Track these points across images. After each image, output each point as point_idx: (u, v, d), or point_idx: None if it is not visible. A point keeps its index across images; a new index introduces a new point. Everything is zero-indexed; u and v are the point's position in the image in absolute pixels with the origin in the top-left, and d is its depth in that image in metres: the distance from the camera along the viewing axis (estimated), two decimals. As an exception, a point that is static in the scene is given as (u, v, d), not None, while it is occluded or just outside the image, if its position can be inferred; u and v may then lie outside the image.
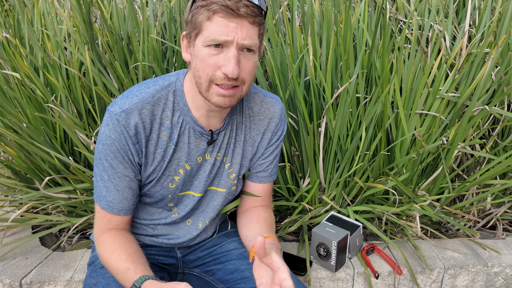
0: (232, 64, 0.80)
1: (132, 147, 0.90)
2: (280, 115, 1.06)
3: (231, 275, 1.06)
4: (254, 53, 0.85)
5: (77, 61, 1.53)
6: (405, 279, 1.40)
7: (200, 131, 0.95)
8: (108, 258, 0.91)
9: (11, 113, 1.36)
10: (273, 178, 1.13)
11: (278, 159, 1.14)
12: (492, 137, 1.59)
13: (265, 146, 1.07)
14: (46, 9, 1.78)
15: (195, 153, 0.98)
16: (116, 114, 0.88)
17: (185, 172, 0.99)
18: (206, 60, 0.81)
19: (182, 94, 0.93)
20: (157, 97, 0.91)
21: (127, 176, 0.92)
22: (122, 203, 0.94)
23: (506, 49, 1.61)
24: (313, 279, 1.35)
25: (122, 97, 0.91)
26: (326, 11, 1.52)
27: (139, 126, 0.89)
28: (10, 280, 1.27)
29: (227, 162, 1.03)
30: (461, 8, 1.96)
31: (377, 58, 1.51)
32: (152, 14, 1.66)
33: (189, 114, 0.93)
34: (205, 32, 0.80)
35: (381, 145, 1.46)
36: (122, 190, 0.93)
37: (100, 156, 0.91)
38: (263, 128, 1.05)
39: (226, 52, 0.81)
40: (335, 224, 1.37)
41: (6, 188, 1.63)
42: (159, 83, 0.93)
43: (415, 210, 1.42)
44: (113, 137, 0.88)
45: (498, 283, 1.47)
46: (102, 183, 0.93)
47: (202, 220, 1.08)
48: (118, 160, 0.90)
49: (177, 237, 1.09)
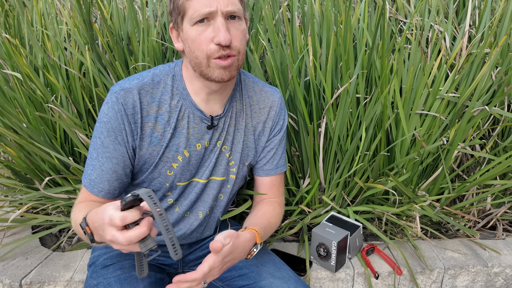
0: (222, 32, 0.81)
1: (127, 126, 0.90)
2: (279, 104, 1.07)
3: (229, 273, 1.06)
4: (240, 19, 0.87)
5: (77, 61, 1.53)
6: (405, 280, 1.40)
7: (200, 116, 0.96)
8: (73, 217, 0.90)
9: (11, 113, 1.36)
10: (281, 170, 1.13)
11: (285, 152, 1.14)
12: (492, 138, 1.58)
13: (267, 136, 1.08)
14: (46, 9, 1.78)
15: (194, 139, 0.98)
16: (116, 92, 0.89)
17: (183, 159, 0.98)
18: (197, 38, 0.84)
19: (181, 79, 0.94)
20: (156, 81, 0.93)
21: (114, 158, 0.92)
22: (103, 184, 0.94)
23: (506, 49, 1.61)
24: (313, 279, 1.35)
25: (124, 79, 0.93)
26: (326, 11, 1.52)
27: (137, 105, 0.90)
28: (10, 281, 1.27)
29: (227, 150, 1.03)
30: (461, 8, 1.95)
31: (377, 58, 1.51)
32: (152, 14, 1.66)
33: (188, 98, 0.94)
34: (189, 11, 0.83)
35: (381, 145, 1.46)
36: (107, 171, 0.93)
37: (95, 134, 0.92)
38: (263, 117, 1.06)
39: (213, 23, 0.83)
40: (335, 225, 1.37)
41: (6, 188, 1.63)
42: (159, 69, 0.96)
43: (415, 210, 1.42)
44: (110, 114, 0.89)
45: (498, 284, 1.47)
46: (90, 160, 0.94)
47: (202, 210, 1.08)
48: (110, 139, 0.90)
49: (179, 229, 1.08)
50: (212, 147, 1.01)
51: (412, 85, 1.50)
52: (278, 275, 0.99)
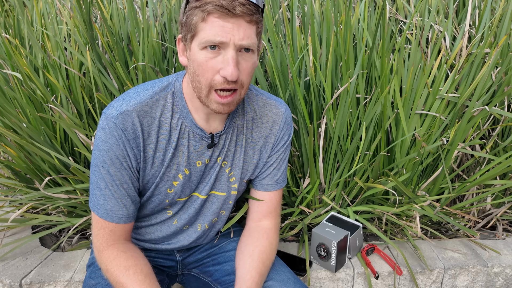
0: (230, 67, 0.77)
1: (130, 152, 0.86)
2: (285, 119, 1.02)
3: (228, 277, 1.05)
4: (253, 52, 0.82)
5: (77, 61, 1.53)
6: (405, 280, 1.40)
7: (200, 134, 0.92)
8: (121, 274, 0.85)
9: (11, 113, 1.36)
10: (280, 186, 1.07)
11: (286, 167, 1.08)
12: (492, 138, 1.58)
13: (269, 151, 1.03)
14: (46, 9, 1.78)
15: (194, 157, 0.95)
16: (113, 117, 0.84)
17: (184, 177, 0.96)
18: (203, 64, 0.79)
19: (182, 96, 0.90)
20: (156, 99, 0.88)
21: (125, 183, 0.88)
22: (121, 210, 0.90)
23: (506, 49, 1.61)
24: (313, 279, 1.35)
25: (118, 100, 0.87)
26: (326, 11, 1.52)
27: (137, 129, 0.86)
28: (10, 281, 1.27)
29: (228, 166, 1.00)
30: (461, 8, 1.95)
31: (377, 58, 1.51)
32: (152, 15, 1.66)
33: (188, 117, 0.90)
34: (201, 34, 0.77)
35: (381, 145, 1.46)
36: (121, 197, 0.89)
37: (96, 162, 0.87)
38: (265, 132, 1.01)
39: (224, 54, 0.78)
40: (335, 225, 1.37)
41: (6, 188, 1.63)
42: (157, 85, 0.90)
43: (415, 210, 1.42)
44: (110, 142, 0.84)
45: (498, 284, 1.47)
46: (99, 191, 0.88)
47: (201, 223, 1.07)
48: (115, 167, 0.86)
49: (178, 241, 1.08)
50: (212, 163, 0.98)
51: (412, 85, 1.50)
52: (277, 278, 0.98)
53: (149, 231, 1.06)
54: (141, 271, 0.86)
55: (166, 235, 1.05)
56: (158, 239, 1.07)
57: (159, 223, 1.04)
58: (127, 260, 0.87)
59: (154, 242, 1.08)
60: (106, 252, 0.89)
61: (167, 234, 1.05)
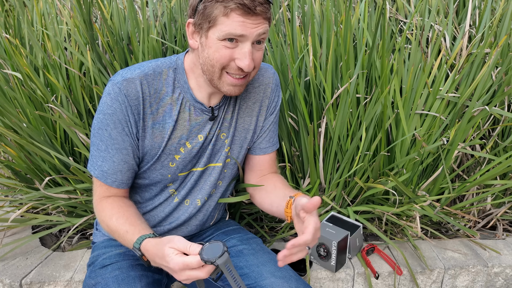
0: (247, 60, 0.85)
1: (131, 118, 0.91)
2: (275, 81, 1.09)
3: None
4: (263, 43, 0.90)
5: (77, 61, 1.53)
6: (405, 280, 1.40)
7: (200, 108, 0.97)
8: (108, 223, 0.93)
9: (11, 113, 1.36)
10: (277, 146, 1.15)
11: (277, 127, 1.16)
12: (492, 138, 1.58)
13: (264, 115, 1.09)
14: (46, 9, 1.78)
15: (196, 131, 0.99)
16: (118, 82, 0.89)
17: (185, 150, 0.99)
18: (221, 51, 0.85)
19: (183, 72, 0.95)
20: (158, 72, 0.93)
21: (124, 148, 0.93)
22: (116, 174, 0.95)
23: (506, 49, 1.61)
24: (313, 279, 1.35)
25: (124, 69, 0.93)
26: (326, 11, 1.52)
27: (139, 96, 0.91)
28: (10, 280, 1.27)
29: (226, 137, 1.05)
30: (461, 8, 1.95)
31: (377, 58, 1.51)
32: (152, 14, 1.66)
33: (189, 92, 0.95)
34: (221, 26, 0.83)
35: (381, 145, 1.46)
36: (118, 162, 0.94)
37: (99, 125, 0.91)
38: (260, 96, 1.07)
39: (242, 47, 0.85)
40: (335, 225, 1.37)
41: (6, 188, 1.63)
42: (160, 61, 0.96)
43: (415, 210, 1.42)
44: (114, 106, 0.89)
45: (498, 284, 1.47)
46: (98, 152, 0.94)
47: (200, 198, 1.09)
48: (117, 131, 0.91)
49: (177, 218, 1.09)
50: (212, 136, 1.02)
51: (412, 85, 1.50)
52: (279, 275, 0.99)
53: (154, 214, 1.08)
54: (123, 216, 0.93)
55: (169, 212, 1.08)
56: (161, 221, 1.09)
57: (162, 203, 1.07)
58: (112, 210, 0.95)
59: (154, 225, 1.10)
60: (99, 205, 0.97)
61: (169, 212, 1.08)
